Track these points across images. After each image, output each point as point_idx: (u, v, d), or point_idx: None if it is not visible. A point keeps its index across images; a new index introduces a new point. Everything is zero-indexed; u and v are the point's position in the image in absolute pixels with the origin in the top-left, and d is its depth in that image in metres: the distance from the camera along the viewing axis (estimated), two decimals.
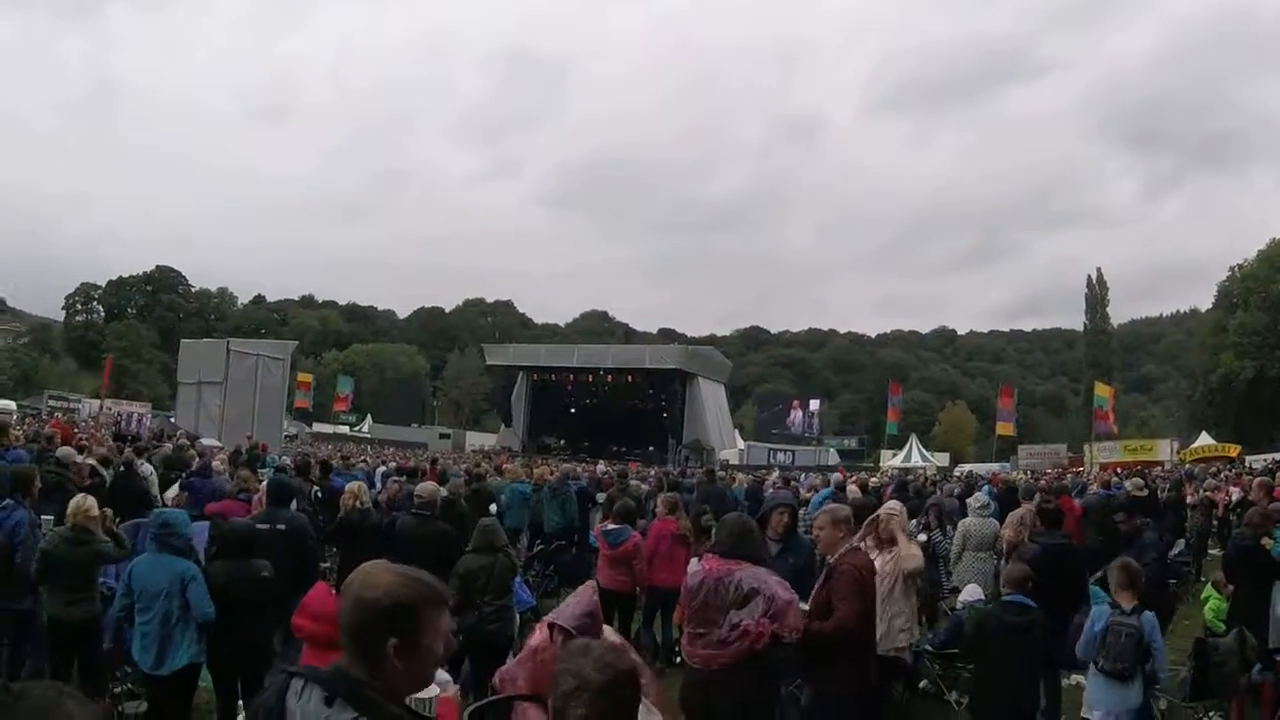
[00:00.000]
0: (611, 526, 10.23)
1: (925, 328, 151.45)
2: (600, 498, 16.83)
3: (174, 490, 12.63)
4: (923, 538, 11.00)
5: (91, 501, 7.46)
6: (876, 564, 6.99)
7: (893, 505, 8.06)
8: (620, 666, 2.43)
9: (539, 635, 5.59)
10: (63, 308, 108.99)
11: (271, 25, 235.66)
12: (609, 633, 5.57)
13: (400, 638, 2.33)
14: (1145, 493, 15.20)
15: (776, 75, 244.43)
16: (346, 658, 2.35)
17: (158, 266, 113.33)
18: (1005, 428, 60.35)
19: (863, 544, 6.99)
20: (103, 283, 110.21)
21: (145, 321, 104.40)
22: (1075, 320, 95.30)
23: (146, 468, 13.57)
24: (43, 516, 8.16)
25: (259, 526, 8.56)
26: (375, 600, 2.33)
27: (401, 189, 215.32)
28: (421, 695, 2.86)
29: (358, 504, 9.94)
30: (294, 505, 9.40)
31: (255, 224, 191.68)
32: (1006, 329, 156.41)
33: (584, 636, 5.21)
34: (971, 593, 9.94)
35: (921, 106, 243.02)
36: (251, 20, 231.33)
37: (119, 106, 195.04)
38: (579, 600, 5.39)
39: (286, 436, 41.72)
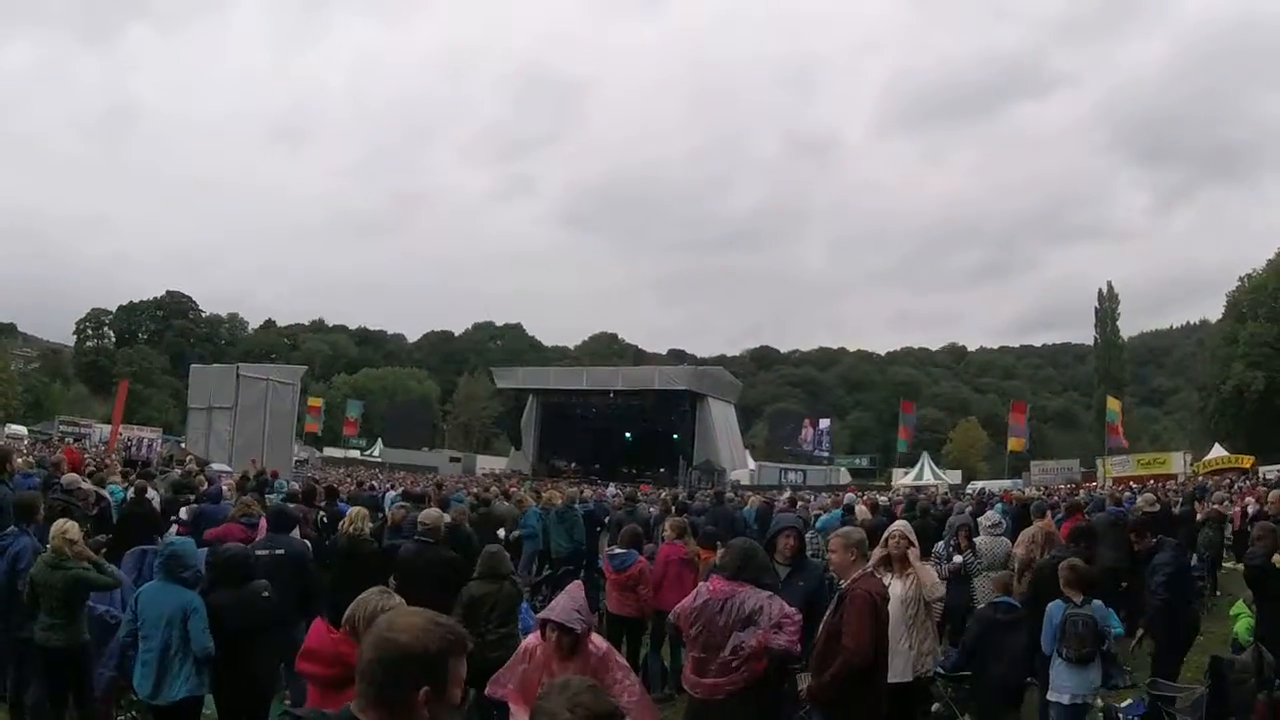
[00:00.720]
0: (618, 551, 10.15)
1: (936, 344, 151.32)
2: (608, 521, 16.76)
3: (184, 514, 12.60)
4: (958, 559, 10.83)
5: (70, 525, 7.39)
6: (894, 588, 6.93)
7: (898, 525, 7.94)
8: (595, 709, 2.34)
9: (533, 635, 5.54)
10: (74, 333, 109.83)
11: (288, 47, 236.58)
12: (616, 658, 5.51)
13: (430, 685, 2.27)
14: (1158, 508, 15.05)
15: (789, 93, 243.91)
16: (360, 702, 2.28)
17: (168, 291, 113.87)
18: (1017, 443, 60.16)
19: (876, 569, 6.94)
20: (113, 308, 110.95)
21: (156, 347, 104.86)
22: (1086, 334, 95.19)
23: (154, 495, 13.53)
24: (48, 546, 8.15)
25: (259, 552, 8.53)
26: (406, 646, 2.26)
27: (414, 211, 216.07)
28: None
29: (352, 530, 9.89)
30: (296, 532, 9.35)
31: (267, 248, 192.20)
32: (1017, 344, 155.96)
33: (576, 631, 5.18)
34: None
35: (934, 123, 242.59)
36: (268, 42, 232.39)
37: (135, 129, 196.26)
38: (569, 596, 5.34)
39: (297, 461, 41.74)
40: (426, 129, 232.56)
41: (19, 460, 16.28)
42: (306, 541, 9.15)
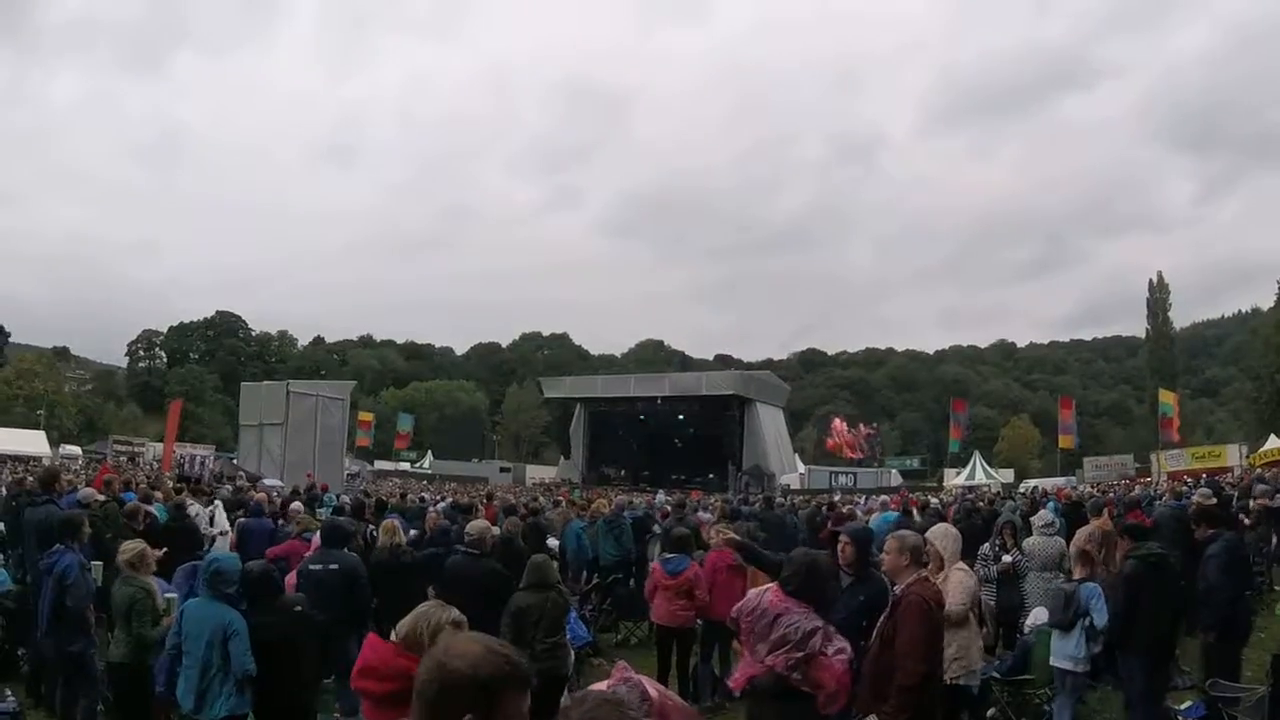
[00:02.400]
0: (670, 555, 10.11)
1: (984, 342, 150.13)
2: (657, 529, 16.72)
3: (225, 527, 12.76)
4: (1006, 559, 10.70)
5: (135, 543, 7.53)
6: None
7: (936, 529, 7.74)
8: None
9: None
10: (126, 354, 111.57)
11: (335, 67, 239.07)
12: (648, 684, 5.45)
13: (475, 715, 2.22)
14: (1214, 501, 14.77)
15: (833, 94, 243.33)
16: (412, 714, 2.26)
17: (218, 311, 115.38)
18: (1066, 440, 59.48)
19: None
20: (164, 329, 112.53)
21: (207, 366, 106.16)
22: (1137, 327, 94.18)
23: (195, 508, 13.68)
24: (92, 562, 8.30)
25: (312, 567, 8.58)
26: (458, 671, 2.22)
27: (461, 226, 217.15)
28: None
29: (392, 542, 9.97)
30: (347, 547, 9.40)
31: (316, 266, 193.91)
32: (1067, 339, 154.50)
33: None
34: (1038, 615, 9.64)
35: (978, 118, 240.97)
36: (315, 63, 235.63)
37: (183, 154, 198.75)
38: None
39: (349, 475, 41.99)
40: (473, 144, 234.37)
41: (69, 478, 16.60)
42: (357, 556, 9.15)
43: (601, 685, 3.89)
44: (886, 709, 5.64)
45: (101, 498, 11.87)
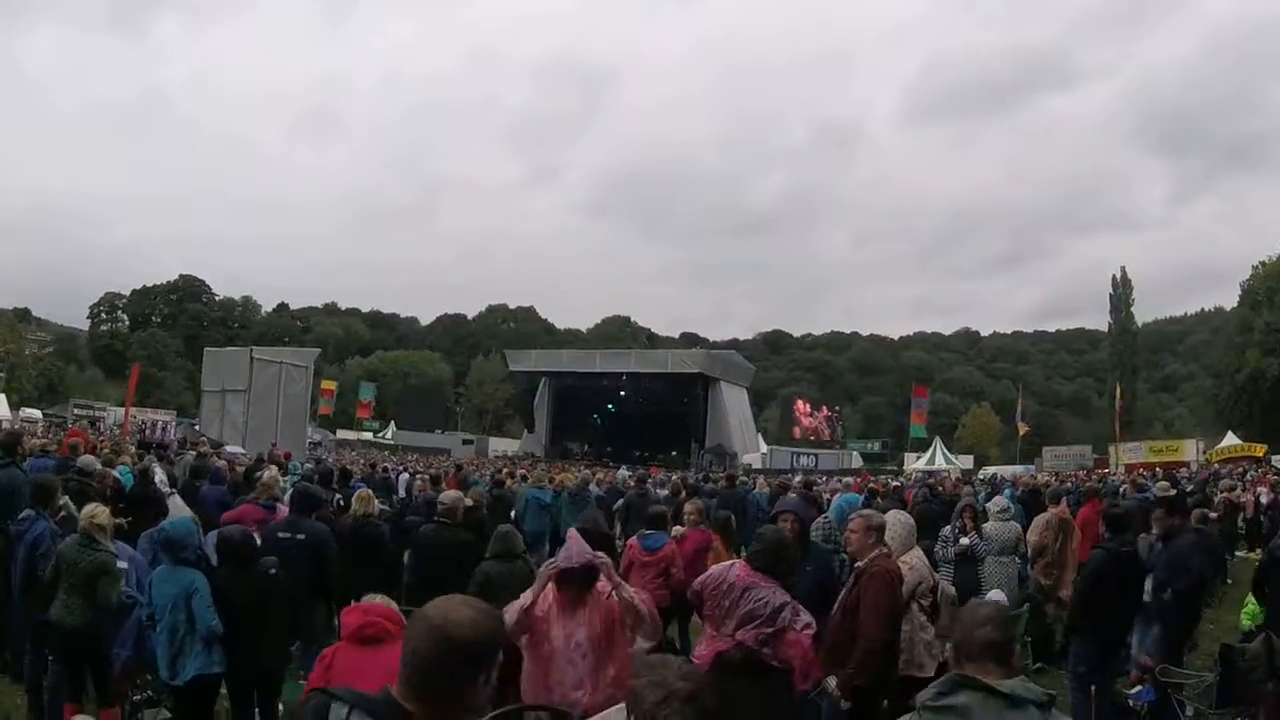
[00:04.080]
0: (648, 532, 10.12)
1: (949, 329, 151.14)
2: (618, 504, 16.80)
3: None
4: (964, 541, 10.85)
5: (100, 511, 7.43)
6: None
7: (888, 516, 7.76)
8: (699, 677, 2.43)
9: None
10: (88, 317, 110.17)
11: (315, 37, 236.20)
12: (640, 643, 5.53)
13: (486, 673, 2.36)
14: (1173, 493, 15.05)
15: (817, 82, 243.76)
16: (408, 688, 2.32)
17: (181, 276, 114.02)
18: (1021, 428, 60.33)
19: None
20: (127, 292, 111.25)
21: (170, 330, 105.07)
22: (1100, 321, 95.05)
23: (161, 475, 13.60)
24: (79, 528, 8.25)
25: (280, 535, 8.60)
26: (464, 639, 2.31)
27: (434, 198, 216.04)
28: None
29: (364, 511, 10.03)
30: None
31: (282, 233, 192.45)
32: (1030, 330, 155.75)
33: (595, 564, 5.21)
34: (994, 598, 9.82)
35: (959, 114, 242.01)
36: (295, 33, 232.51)
37: (158, 119, 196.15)
38: (575, 542, 5.37)
39: (310, 443, 41.87)
40: (451, 117, 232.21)
41: (35, 443, 16.44)
42: (325, 525, 9.16)
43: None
44: (847, 670, 5.82)
45: (99, 464, 11.76)
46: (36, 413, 56.28)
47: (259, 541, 8.81)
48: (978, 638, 3.15)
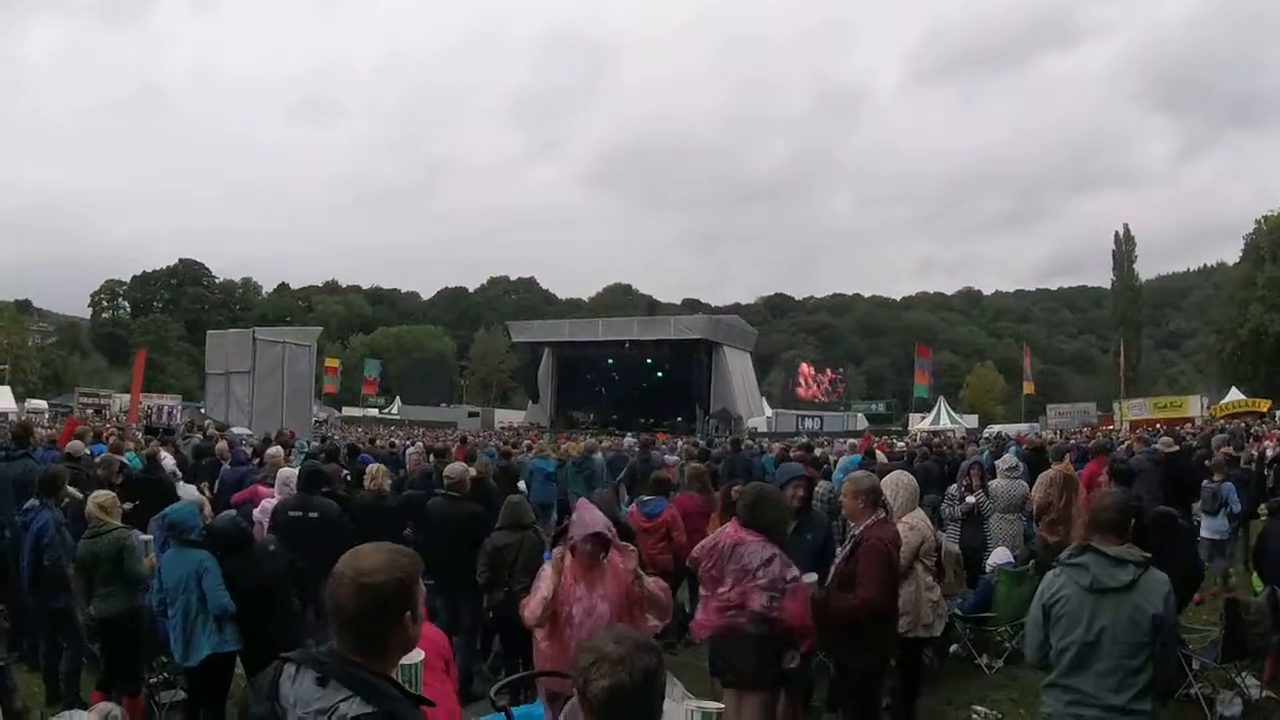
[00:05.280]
0: (647, 498, 10.16)
1: (951, 289, 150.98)
2: (623, 471, 16.87)
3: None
4: (970, 500, 10.90)
5: (105, 493, 7.52)
6: None
7: (888, 478, 7.71)
8: (636, 637, 2.46)
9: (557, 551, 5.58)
10: (89, 305, 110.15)
11: (315, 17, 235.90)
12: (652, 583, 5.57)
13: (412, 610, 2.44)
14: (1177, 449, 15.06)
15: (820, 48, 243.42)
16: (343, 642, 2.39)
17: (181, 260, 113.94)
18: (1027, 387, 60.33)
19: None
20: (127, 279, 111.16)
21: (171, 315, 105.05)
22: (1103, 278, 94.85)
23: (169, 460, 13.67)
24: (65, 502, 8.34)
25: (291, 513, 8.65)
26: (383, 583, 2.38)
27: (435, 174, 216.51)
28: (408, 660, 2.99)
29: (374, 486, 10.08)
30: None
31: (282, 213, 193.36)
32: (1033, 288, 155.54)
33: (607, 536, 5.23)
34: (1000, 556, 9.86)
35: (962, 74, 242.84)
36: (295, 11, 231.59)
37: (158, 106, 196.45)
38: (588, 510, 5.39)
39: (316, 421, 41.90)
40: (450, 96, 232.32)
41: (42, 433, 16.51)
42: (335, 502, 9.19)
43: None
44: (840, 600, 5.89)
45: (87, 451, 11.84)
46: (42, 403, 56.48)
47: (270, 519, 8.91)
48: (1100, 518, 4.65)
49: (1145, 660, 4.34)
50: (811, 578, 6.06)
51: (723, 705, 2.56)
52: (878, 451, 17.00)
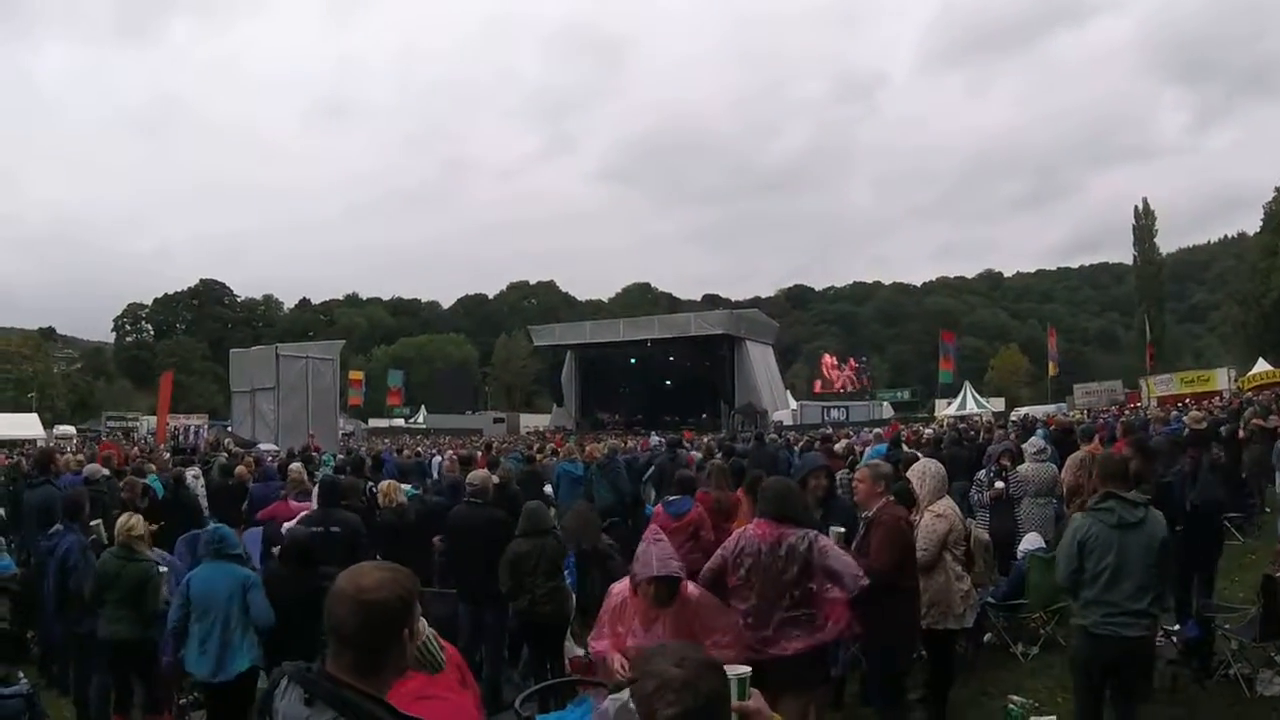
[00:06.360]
0: (673, 498, 10.04)
1: (971, 272, 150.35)
2: (650, 471, 16.77)
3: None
4: (999, 485, 10.79)
5: (136, 520, 7.45)
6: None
7: (915, 467, 7.71)
8: (698, 658, 2.37)
9: (621, 585, 5.41)
10: (112, 330, 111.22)
11: (329, 25, 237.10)
12: (712, 601, 5.44)
13: (410, 628, 2.45)
14: (1204, 425, 14.86)
15: (833, 36, 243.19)
16: (338, 660, 2.36)
17: (201, 280, 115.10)
18: (1052, 368, 60.02)
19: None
20: (149, 301, 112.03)
21: (194, 335, 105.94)
22: (1124, 254, 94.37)
23: (197, 480, 13.71)
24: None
25: (313, 529, 8.63)
26: (384, 600, 2.38)
27: (451, 180, 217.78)
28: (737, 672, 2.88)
29: (395, 502, 10.03)
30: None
31: (300, 229, 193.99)
32: (1053, 268, 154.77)
33: (679, 579, 5.08)
34: (1031, 541, 9.74)
35: (977, 56, 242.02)
36: (309, 20, 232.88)
37: (175, 124, 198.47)
38: (658, 545, 5.18)
39: (343, 434, 42.09)
40: (467, 98, 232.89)
41: (66, 458, 16.59)
42: (357, 515, 9.18)
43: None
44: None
45: (106, 472, 11.88)
46: (70, 429, 56.90)
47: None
48: (1108, 469, 6.01)
49: (1155, 576, 5.72)
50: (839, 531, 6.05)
51: (749, 669, 2.44)
52: (905, 441, 16.89)
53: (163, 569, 7.38)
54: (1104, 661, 5.79)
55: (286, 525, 9.51)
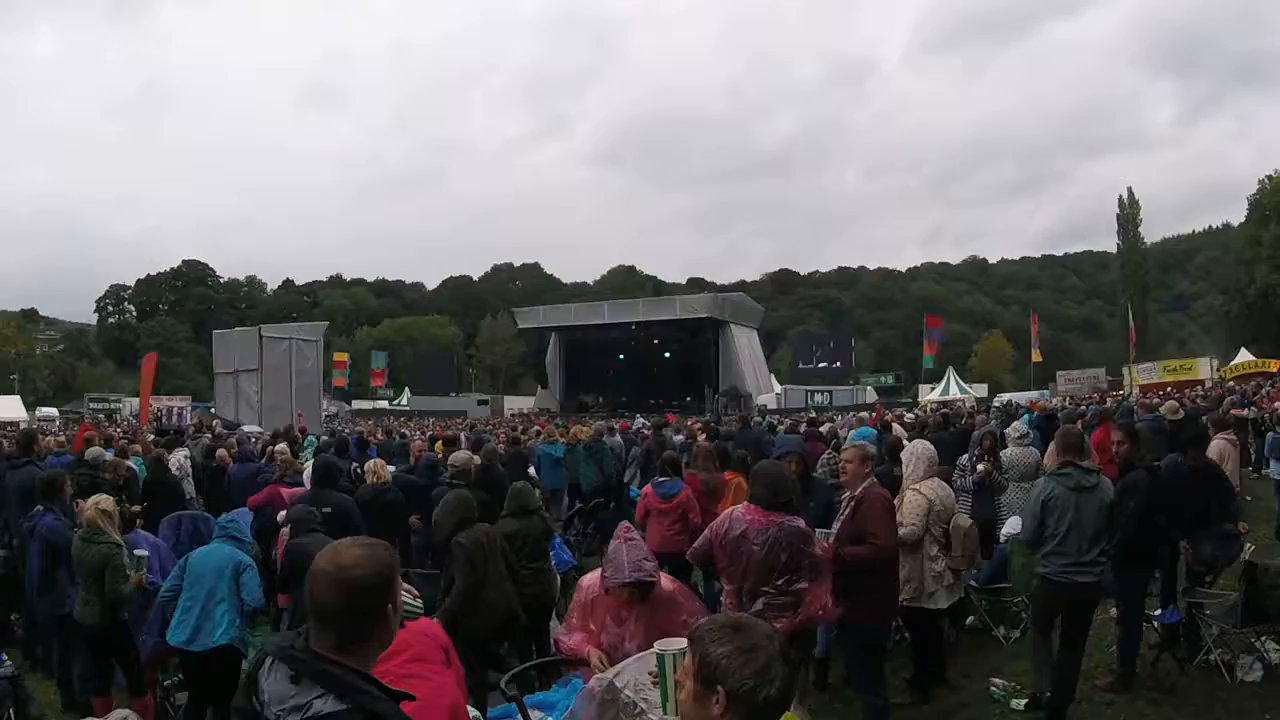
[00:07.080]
0: (662, 479, 10.04)
1: (957, 258, 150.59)
2: (634, 452, 16.80)
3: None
4: (981, 469, 10.81)
5: (102, 497, 7.37)
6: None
7: (907, 448, 8.04)
8: (766, 628, 2.29)
9: (591, 578, 5.38)
10: (94, 311, 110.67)
11: (315, 6, 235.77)
12: (683, 591, 5.44)
13: (392, 602, 2.42)
14: (1181, 415, 14.90)
15: (826, 20, 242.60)
16: (321, 638, 2.33)
17: (184, 261, 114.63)
18: (1035, 355, 60.26)
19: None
20: (132, 283, 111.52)
21: (177, 316, 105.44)
22: (1109, 243, 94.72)
23: (180, 463, 13.66)
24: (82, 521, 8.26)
25: (308, 510, 8.62)
26: (364, 577, 2.35)
27: (443, 162, 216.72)
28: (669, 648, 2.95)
29: (378, 480, 10.00)
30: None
31: (284, 209, 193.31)
32: (1039, 255, 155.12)
33: (653, 583, 5.05)
34: (1014, 525, 9.75)
35: (968, 43, 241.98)
36: (295, 1, 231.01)
37: (161, 106, 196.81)
38: (629, 547, 5.10)
39: (326, 415, 42.00)
40: (459, 79, 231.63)
41: (48, 440, 16.52)
42: (349, 497, 9.17)
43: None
44: (851, 551, 6.08)
45: (108, 455, 11.80)
46: (53, 411, 56.72)
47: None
48: (1068, 442, 6.95)
49: (1103, 532, 6.68)
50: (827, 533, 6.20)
51: (685, 645, 2.27)
52: (894, 425, 16.94)
53: (141, 551, 7.30)
54: (1061, 603, 6.80)
55: (282, 514, 9.53)
